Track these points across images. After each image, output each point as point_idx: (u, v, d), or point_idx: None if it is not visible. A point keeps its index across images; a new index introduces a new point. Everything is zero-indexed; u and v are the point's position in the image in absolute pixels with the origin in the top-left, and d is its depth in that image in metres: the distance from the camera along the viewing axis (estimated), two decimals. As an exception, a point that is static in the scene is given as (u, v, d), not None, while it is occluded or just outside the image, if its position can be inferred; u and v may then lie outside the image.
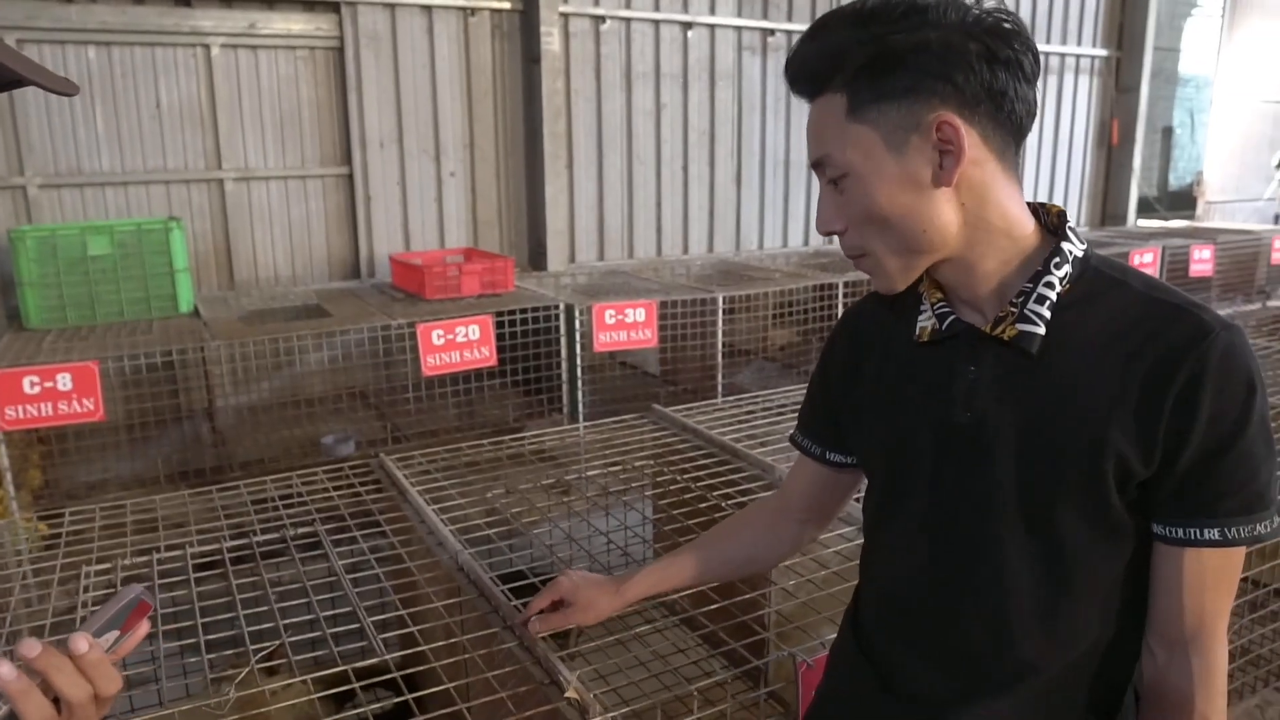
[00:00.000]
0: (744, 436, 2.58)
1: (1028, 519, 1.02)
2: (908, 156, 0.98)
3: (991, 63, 0.96)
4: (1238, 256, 6.60)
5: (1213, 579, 1.00)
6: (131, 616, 0.86)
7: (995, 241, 1.03)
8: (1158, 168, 9.85)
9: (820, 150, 1.04)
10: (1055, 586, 1.03)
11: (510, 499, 2.26)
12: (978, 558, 1.07)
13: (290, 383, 4.38)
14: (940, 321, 1.09)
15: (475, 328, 3.88)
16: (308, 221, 5.05)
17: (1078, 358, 1.00)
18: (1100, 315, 1.01)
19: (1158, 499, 0.99)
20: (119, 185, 4.55)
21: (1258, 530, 0.98)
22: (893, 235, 1.02)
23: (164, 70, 4.56)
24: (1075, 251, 1.04)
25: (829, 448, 1.29)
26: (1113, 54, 7.92)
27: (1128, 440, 0.96)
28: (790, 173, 6.48)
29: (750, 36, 6.15)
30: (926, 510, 1.11)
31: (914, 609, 1.14)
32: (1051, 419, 1.00)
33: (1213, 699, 1.02)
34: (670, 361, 4.78)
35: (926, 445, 1.09)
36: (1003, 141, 1.01)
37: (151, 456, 3.79)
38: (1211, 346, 0.93)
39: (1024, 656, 1.06)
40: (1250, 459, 0.96)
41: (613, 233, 5.91)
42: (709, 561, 1.41)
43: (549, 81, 5.33)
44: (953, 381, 1.07)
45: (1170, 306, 0.98)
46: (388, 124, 5.10)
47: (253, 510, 2.19)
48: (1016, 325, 1.02)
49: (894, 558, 1.17)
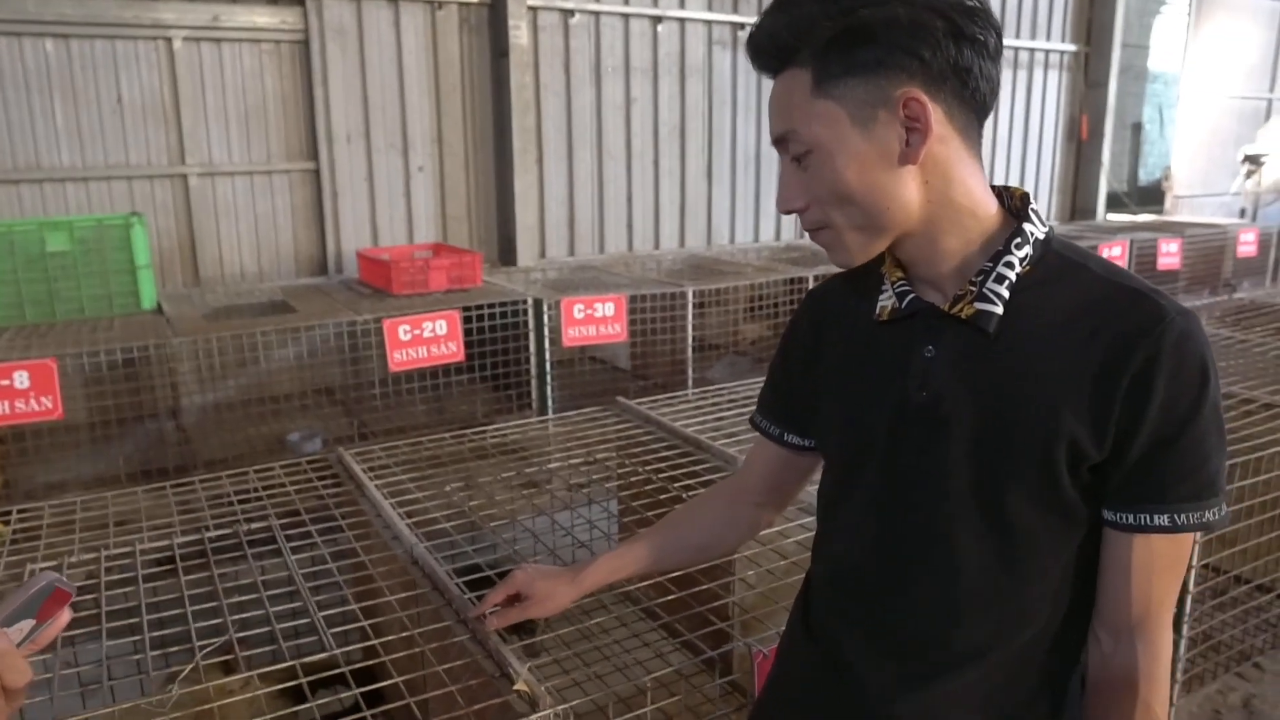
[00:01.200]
0: (708, 428, 2.57)
1: (979, 499, 1.02)
2: (874, 133, 0.97)
3: (958, 40, 0.96)
4: (1205, 250, 6.67)
5: (1160, 565, 0.99)
6: (48, 605, 0.81)
7: (958, 219, 1.02)
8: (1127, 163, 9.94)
9: (784, 126, 1.02)
10: (1005, 568, 1.03)
11: (470, 493, 2.23)
12: (929, 538, 1.06)
13: (256, 380, 4.33)
14: (900, 300, 1.08)
15: (443, 323, 3.85)
16: (274, 217, 4.99)
17: (1034, 339, 0.99)
18: (1058, 297, 1.00)
19: (1109, 484, 0.99)
20: (79, 181, 4.48)
21: (1207, 517, 0.97)
22: (856, 211, 1.01)
23: (125, 64, 4.49)
24: (1037, 233, 1.04)
25: (787, 429, 1.28)
26: (1081, 49, 7.99)
27: (1080, 423, 0.96)
28: (761, 167, 6.49)
29: (720, 30, 6.14)
30: (879, 489, 1.10)
31: (863, 590, 1.13)
32: (1006, 399, 1.00)
33: (1156, 687, 1.01)
34: (640, 356, 4.77)
35: (881, 424, 1.08)
36: (966, 119, 1.00)
37: (114, 456, 3.73)
38: (1167, 331, 0.93)
39: (972, 639, 1.06)
40: (1201, 446, 0.96)
41: (583, 228, 5.89)
42: (666, 547, 1.40)
43: (517, 75, 5.30)
44: (910, 360, 1.06)
45: (1128, 291, 0.97)
46: (354, 118, 5.05)
47: (207, 507, 2.16)
48: (974, 304, 1.02)
49: (845, 538, 1.16)
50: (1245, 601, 2.69)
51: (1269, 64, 9.82)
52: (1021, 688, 1.08)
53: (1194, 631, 2.42)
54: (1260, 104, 9.85)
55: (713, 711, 1.78)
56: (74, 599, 0.84)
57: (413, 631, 1.57)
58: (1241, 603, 2.69)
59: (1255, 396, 2.83)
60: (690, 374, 4.53)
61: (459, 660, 1.49)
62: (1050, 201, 8.16)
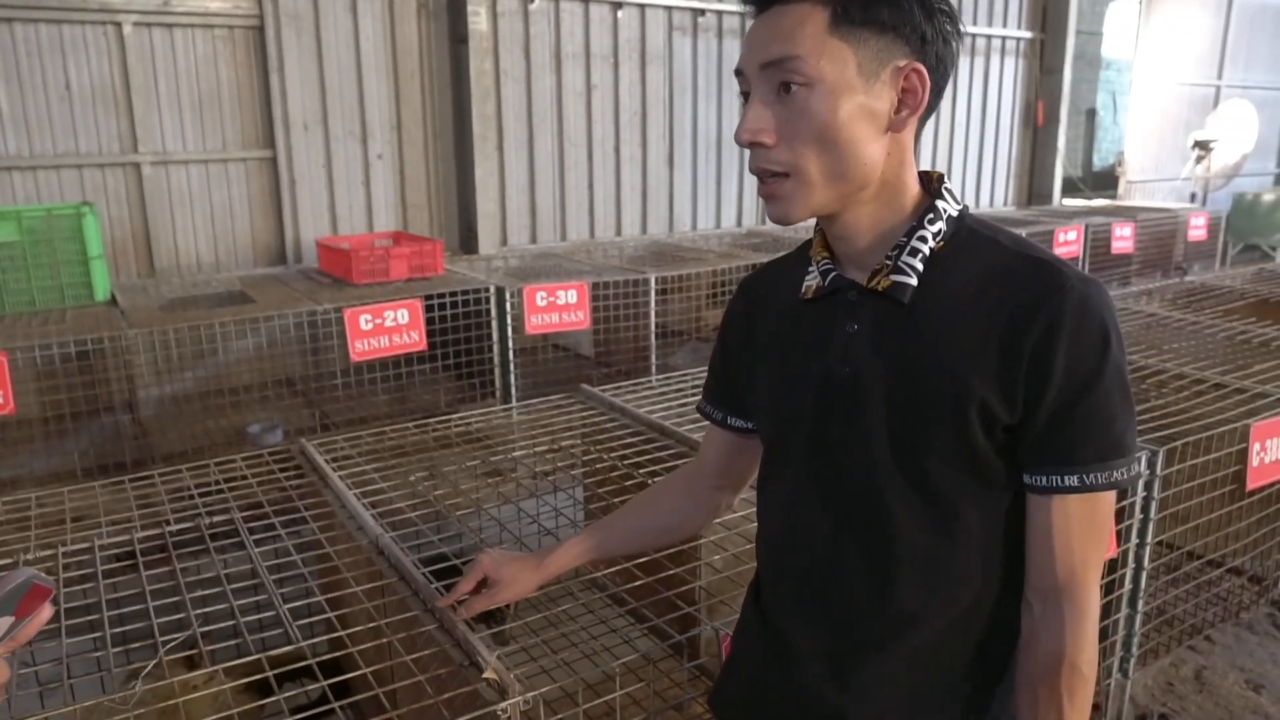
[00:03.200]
0: (673, 414, 2.58)
1: (902, 466, 1.05)
2: (874, 89, 1.00)
3: (946, 36, 1.02)
4: (1157, 234, 6.80)
5: (1078, 527, 1.02)
6: (26, 601, 0.80)
7: (893, 197, 1.06)
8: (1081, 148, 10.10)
9: (786, 50, 0.99)
10: (934, 536, 1.06)
11: (434, 483, 2.22)
12: (859, 509, 1.09)
13: (214, 372, 4.27)
14: (824, 278, 1.11)
15: (404, 312, 3.82)
16: (230, 206, 4.91)
17: (945, 308, 1.03)
18: (969, 269, 1.04)
19: (1023, 448, 1.02)
20: (27, 170, 4.37)
21: (1114, 477, 1.00)
22: (831, 157, 1.00)
23: (73, 49, 4.38)
24: (950, 210, 1.08)
25: (729, 413, 1.32)
26: (1037, 36, 8.08)
27: (989, 388, 0.99)
28: (723, 153, 6.50)
29: (681, 17, 6.13)
30: (809, 464, 1.13)
31: (800, 566, 1.16)
32: (919, 368, 1.03)
33: (1083, 648, 1.04)
34: (604, 343, 4.76)
35: (809, 399, 1.11)
36: (927, 109, 1.05)
37: (69, 451, 3.66)
38: (1066, 297, 0.97)
39: (906, 609, 1.08)
40: (1105, 407, 0.99)
41: (545, 215, 5.87)
42: (630, 532, 1.43)
43: (477, 62, 5.25)
44: (833, 336, 1.09)
45: (1032, 260, 1.01)
46: (312, 105, 4.98)
47: (167, 501, 2.13)
48: (890, 277, 1.05)
49: (781, 515, 1.19)
50: (1197, 576, 2.76)
51: (1217, 52, 10.01)
52: (960, 660, 1.10)
53: (1148, 606, 2.48)
54: (1209, 91, 10.05)
55: (680, 696, 1.79)
56: (54, 594, 0.83)
57: (380, 622, 1.57)
58: (1194, 578, 2.76)
59: (1205, 376, 2.90)
60: (654, 360, 4.54)
61: (427, 650, 1.48)
62: (1007, 186, 8.26)
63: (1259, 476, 2.58)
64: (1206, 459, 2.46)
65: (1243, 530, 2.75)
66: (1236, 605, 2.93)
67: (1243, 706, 2.82)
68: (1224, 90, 10.10)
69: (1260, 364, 3.07)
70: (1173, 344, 3.43)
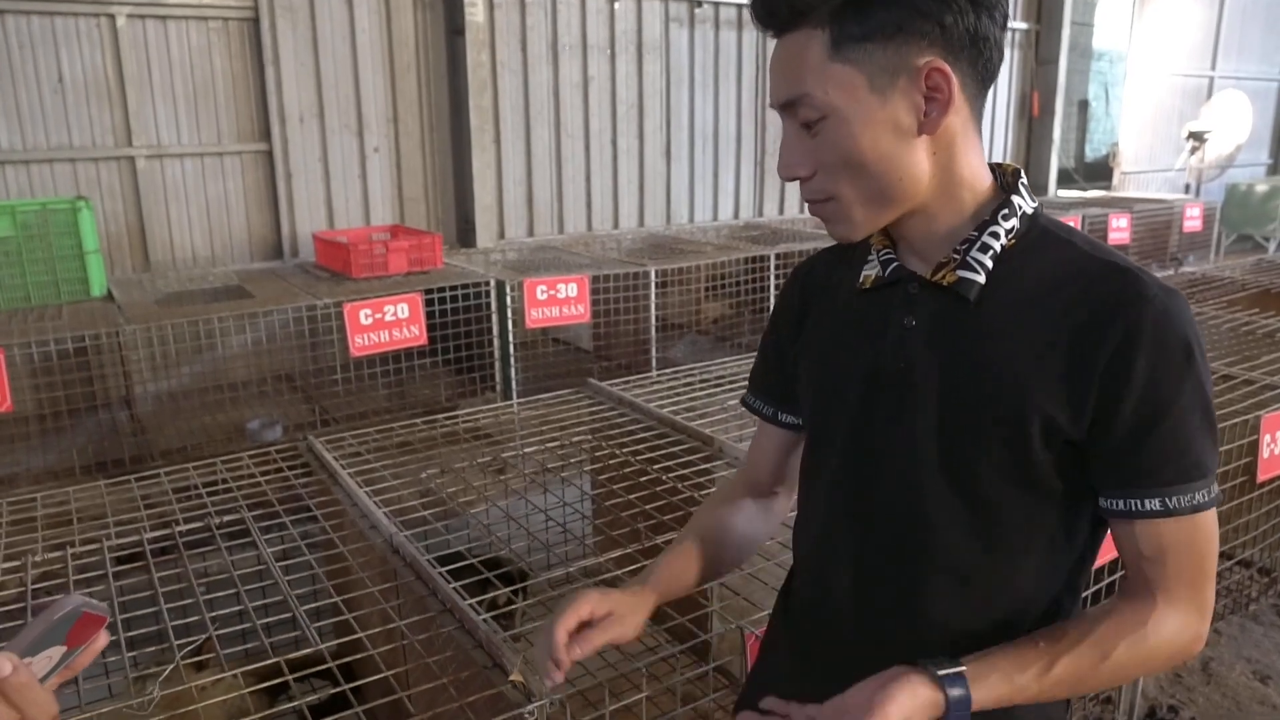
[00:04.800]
0: (682, 409, 2.56)
1: (948, 472, 1.00)
2: (892, 100, 0.94)
3: (976, 6, 0.93)
4: (1152, 224, 6.81)
5: (1172, 547, 0.95)
6: (78, 629, 0.76)
7: (957, 193, 1.01)
8: (1075, 139, 10.10)
9: (795, 90, 0.97)
10: (974, 545, 1.00)
11: (445, 479, 2.20)
12: (898, 511, 1.03)
13: (212, 367, 4.23)
14: (884, 269, 1.06)
15: (404, 306, 3.79)
16: (226, 200, 4.86)
17: (1012, 309, 0.98)
18: (1040, 268, 0.98)
19: (1096, 467, 0.96)
20: (20, 164, 4.31)
21: (1197, 499, 0.94)
22: (867, 181, 0.97)
23: (65, 41, 4.32)
24: (1025, 207, 1.02)
25: (780, 407, 1.24)
26: (1033, 27, 8.08)
27: (1053, 397, 0.94)
28: (720, 146, 6.47)
29: (677, 8, 6.10)
30: (851, 460, 1.08)
31: (833, 567, 1.10)
32: (978, 370, 0.98)
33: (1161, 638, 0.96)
34: (603, 337, 4.74)
35: (855, 392, 1.06)
36: (977, 89, 0.98)
37: (66, 448, 3.63)
38: (1147, 308, 0.91)
39: (939, 620, 1.03)
40: (1185, 427, 0.93)
41: (542, 207, 5.83)
42: (713, 552, 1.25)
43: (473, 54, 5.20)
44: (888, 329, 1.04)
45: (1110, 265, 0.96)
46: (307, 98, 4.93)
47: (175, 500, 2.10)
48: (956, 272, 1.00)
49: (819, 514, 1.13)
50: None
51: (1210, 43, 10.02)
52: None
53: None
54: (1202, 82, 10.05)
55: (701, 697, 1.78)
56: (108, 620, 0.80)
57: (398, 623, 1.55)
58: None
59: (1214, 369, 2.90)
60: (654, 354, 4.52)
61: (446, 651, 1.46)
62: (1003, 178, 8.25)
63: (1270, 468, 2.57)
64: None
65: (1252, 522, 2.74)
66: (1245, 597, 2.94)
67: (1250, 697, 2.82)
68: (1217, 81, 10.11)
69: (1267, 355, 3.07)
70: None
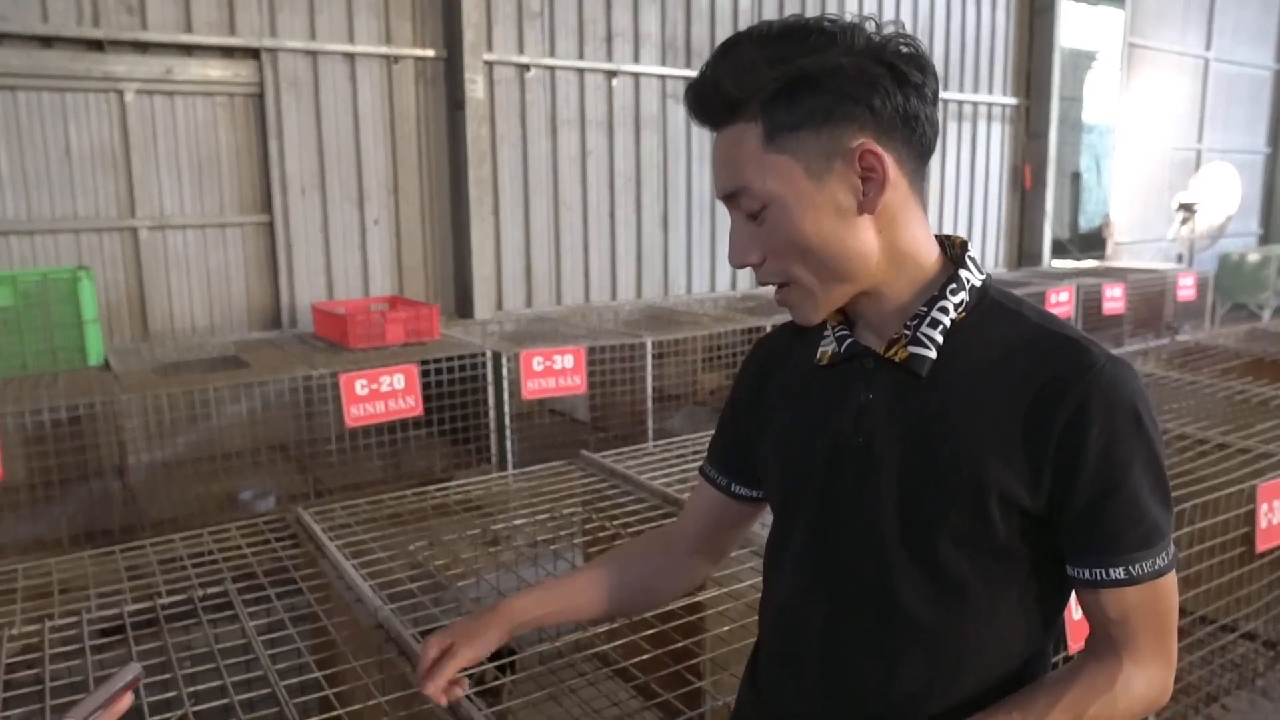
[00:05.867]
0: (675, 481, 2.54)
1: (910, 544, 1.00)
2: (830, 184, 0.97)
3: (903, 86, 0.96)
4: (1147, 294, 6.86)
5: (1137, 613, 0.98)
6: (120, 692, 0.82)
7: (904, 267, 1.03)
8: (1068, 210, 10.24)
9: (735, 182, 1.00)
10: (942, 611, 1.01)
11: (434, 552, 2.18)
12: (864, 582, 1.04)
13: (207, 437, 4.21)
14: (839, 345, 1.08)
15: (400, 377, 3.79)
16: (226, 270, 4.91)
17: (965, 382, 0.99)
18: (990, 342, 1.01)
19: (1059, 539, 0.98)
20: (24, 234, 4.37)
21: (1158, 564, 0.96)
22: (816, 263, 1.00)
23: (74, 115, 4.42)
24: (973, 280, 1.04)
25: (735, 479, 1.25)
26: (1022, 102, 8.25)
27: (1010, 472, 0.95)
28: (716, 217, 6.55)
29: (674, 84, 6.23)
30: (815, 533, 1.08)
31: (803, 639, 1.10)
32: (935, 443, 0.99)
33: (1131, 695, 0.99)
34: (600, 408, 4.73)
35: (818, 467, 1.07)
36: (914, 165, 1.01)
37: (56, 517, 3.59)
38: (1097, 378, 0.93)
39: (909, 690, 1.03)
40: (1141, 494, 0.95)
41: (540, 279, 5.88)
42: (599, 590, 1.26)
43: (474, 127, 5.31)
44: (846, 404, 1.06)
45: (1059, 337, 0.98)
46: (309, 170, 5.01)
47: (159, 571, 2.07)
48: (908, 348, 1.02)
49: (784, 588, 1.14)
50: (1210, 642, 2.71)
51: (1196, 116, 10.22)
52: None
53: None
54: (1190, 154, 10.23)
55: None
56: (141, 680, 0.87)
57: (380, 699, 1.51)
58: (1206, 643, 2.70)
59: (1208, 437, 2.89)
60: (650, 425, 4.50)
61: (429, 729, 1.43)
62: (998, 248, 8.35)
63: (1268, 538, 2.54)
64: (1215, 521, 2.43)
65: (1254, 593, 2.70)
66: (1251, 671, 2.87)
67: (1261, 777, 2.75)
68: (1205, 153, 10.29)
69: (1261, 423, 3.06)
70: (1172, 404, 3.42)
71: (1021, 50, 8.19)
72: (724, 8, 6.39)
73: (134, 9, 4.45)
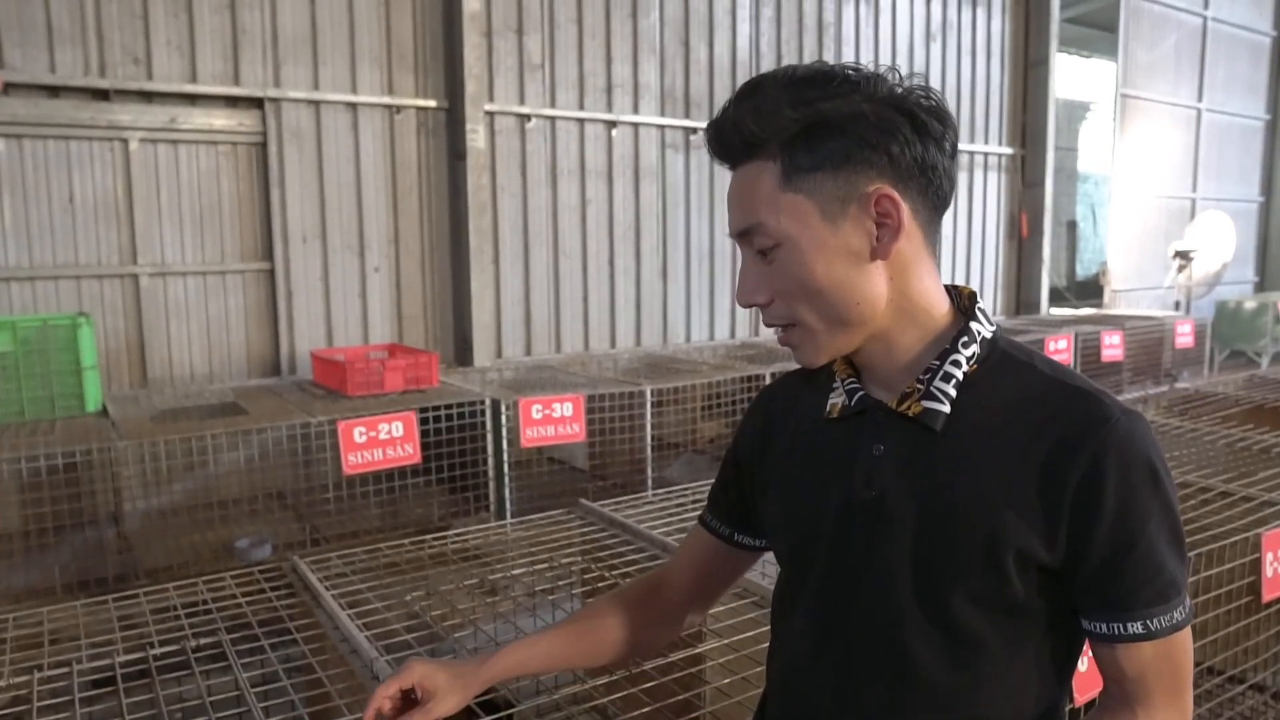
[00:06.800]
0: (674, 530, 2.52)
1: (923, 599, 0.99)
2: (844, 228, 0.97)
3: (922, 136, 0.97)
4: (1145, 341, 6.87)
5: (1154, 668, 0.97)
6: None
7: (915, 318, 1.02)
8: (1065, 259, 10.31)
9: (749, 220, 1.00)
10: (955, 668, 0.99)
11: (431, 601, 2.15)
12: (876, 638, 1.02)
13: (203, 484, 4.19)
14: (849, 398, 1.07)
15: (399, 424, 3.78)
16: (226, 317, 4.92)
17: (978, 436, 0.99)
18: (1003, 395, 1.00)
19: (1075, 593, 0.97)
20: (25, 280, 4.39)
21: (1176, 618, 0.96)
22: (824, 306, 1.00)
23: (78, 163, 4.46)
24: (984, 332, 1.04)
25: (738, 529, 1.24)
26: (1018, 152, 8.35)
27: (1026, 525, 0.94)
28: (715, 265, 6.59)
29: (673, 135, 6.31)
30: (826, 588, 1.07)
31: (813, 695, 1.08)
32: (949, 498, 0.98)
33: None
34: (599, 456, 4.71)
35: (829, 522, 1.06)
36: (928, 216, 1.01)
37: (49, 566, 3.56)
38: (1112, 432, 0.93)
39: None
40: (1157, 548, 0.94)
41: (539, 327, 5.90)
42: (582, 641, 1.25)
43: (474, 177, 5.36)
44: (858, 458, 1.05)
45: (1072, 390, 0.97)
46: (311, 219, 5.05)
47: (152, 621, 2.04)
48: (921, 402, 1.01)
49: (795, 640, 1.12)
50: (1218, 694, 2.66)
51: (1190, 165, 10.34)
52: None
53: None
54: (1185, 203, 10.33)
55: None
56: None
57: (374, 754, 1.48)
58: (1214, 695, 2.66)
59: (1211, 485, 2.87)
60: (650, 473, 4.48)
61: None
62: (996, 296, 8.39)
63: (1274, 588, 2.52)
64: (1220, 570, 2.40)
65: (1262, 644, 2.67)
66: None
67: (1274, 835, 2.68)
68: (1199, 202, 10.39)
69: (1264, 471, 3.04)
70: (1173, 452, 3.41)
71: (1017, 101, 8.31)
72: (722, 60, 6.49)
73: (140, 60, 4.52)
